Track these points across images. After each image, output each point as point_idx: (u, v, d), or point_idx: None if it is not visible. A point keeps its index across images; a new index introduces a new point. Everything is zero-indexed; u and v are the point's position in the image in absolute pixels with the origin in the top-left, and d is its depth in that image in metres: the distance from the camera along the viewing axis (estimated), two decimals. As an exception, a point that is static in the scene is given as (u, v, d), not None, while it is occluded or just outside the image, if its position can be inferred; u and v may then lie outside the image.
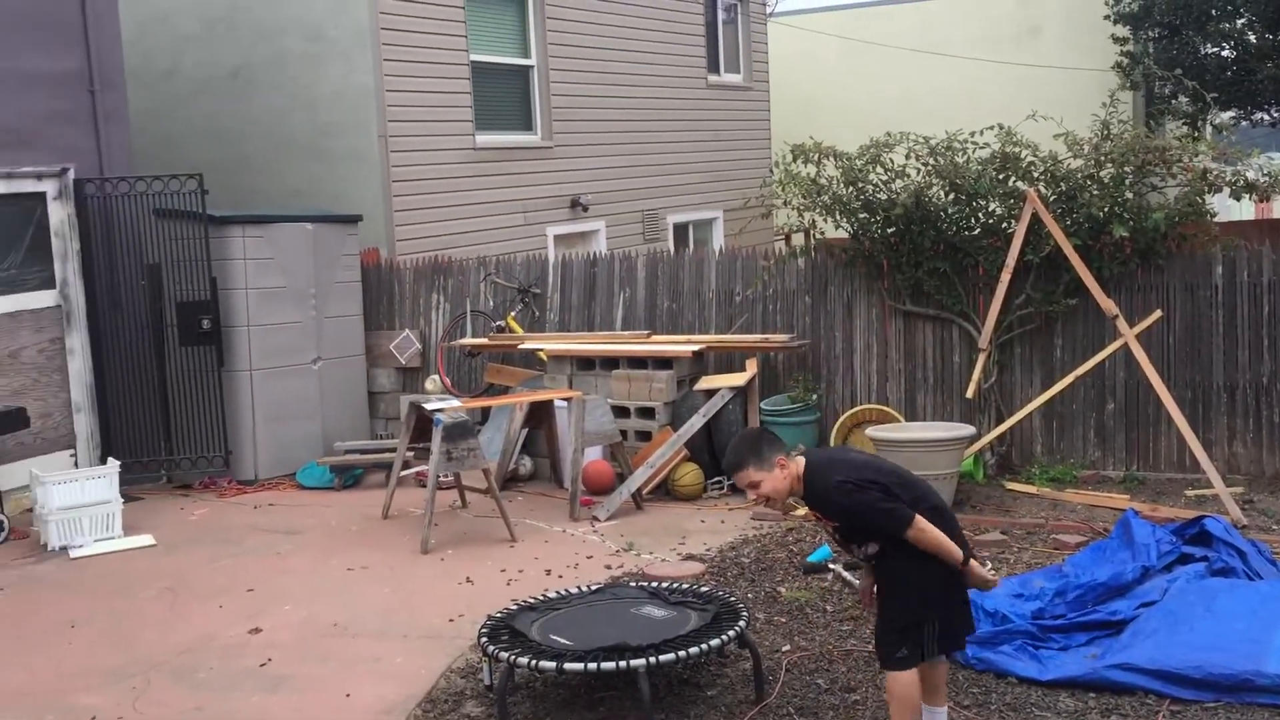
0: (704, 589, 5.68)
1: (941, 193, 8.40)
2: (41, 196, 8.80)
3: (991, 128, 8.38)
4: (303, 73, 10.94)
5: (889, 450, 7.71)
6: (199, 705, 5.20)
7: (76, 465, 8.85)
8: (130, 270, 9.14)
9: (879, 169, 8.49)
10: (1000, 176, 8.25)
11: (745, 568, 6.75)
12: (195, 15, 11.34)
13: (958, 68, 18.53)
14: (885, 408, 8.62)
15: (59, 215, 8.89)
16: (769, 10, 17.16)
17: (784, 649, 5.54)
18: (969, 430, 7.91)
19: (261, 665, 5.62)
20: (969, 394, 8.29)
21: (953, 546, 4.13)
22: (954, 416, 8.55)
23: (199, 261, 9.04)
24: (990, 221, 8.47)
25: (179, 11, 11.39)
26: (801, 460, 4.22)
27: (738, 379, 8.56)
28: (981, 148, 8.35)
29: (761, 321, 9.19)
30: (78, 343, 8.99)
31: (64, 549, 7.53)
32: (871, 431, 7.94)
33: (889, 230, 8.53)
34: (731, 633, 4.99)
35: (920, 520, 4.08)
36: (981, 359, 8.27)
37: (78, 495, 7.64)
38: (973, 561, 4.24)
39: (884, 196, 8.45)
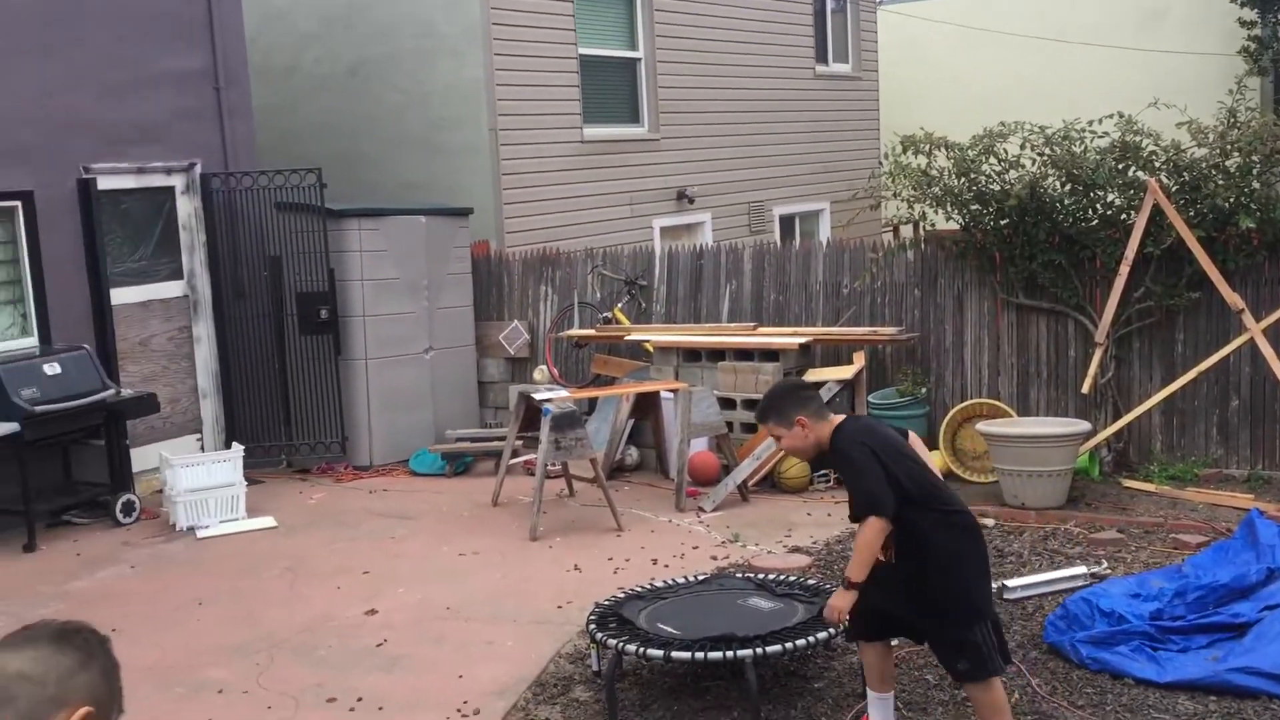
0: (811, 582, 5.68)
1: (1058, 183, 8.21)
2: (170, 191, 9.17)
3: (1111, 116, 8.16)
4: (416, 69, 11.17)
5: (1001, 446, 7.60)
6: (319, 682, 5.38)
7: (203, 449, 9.21)
8: (253, 261, 9.46)
9: (992, 159, 8.33)
10: (1120, 166, 8.04)
11: (852, 561, 6.71)
12: (314, 13, 11.66)
13: (1075, 54, 18.05)
14: (997, 402, 8.48)
15: (186, 209, 9.25)
16: (878, -1, 16.95)
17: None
18: (1084, 426, 7.74)
19: (378, 645, 5.80)
20: (1085, 389, 8.11)
21: (863, 565, 3.99)
22: (1068, 412, 8.37)
23: (318, 253, 9.32)
24: (1109, 213, 8.26)
25: (298, 9, 11.73)
26: (832, 422, 4.15)
27: (845, 372, 8.50)
28: (1100, 137, 8.14)
29: (869, 314, 9.11)
30: (204, 331, 9.35)
31: (191, 529, 7.85)
32: (982, 426, 7.83)
33: (1002, 222, 8.38)
34: (839, 626, 4.98)
35: (874, 524, 3.93)
36: (1098, 353, 8.08)
37: (204, 478, 7.95)
38: (847, 591, 4.06)
39: (997, 188, 8.30)
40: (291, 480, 9.32)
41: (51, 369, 7.77)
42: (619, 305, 9.97)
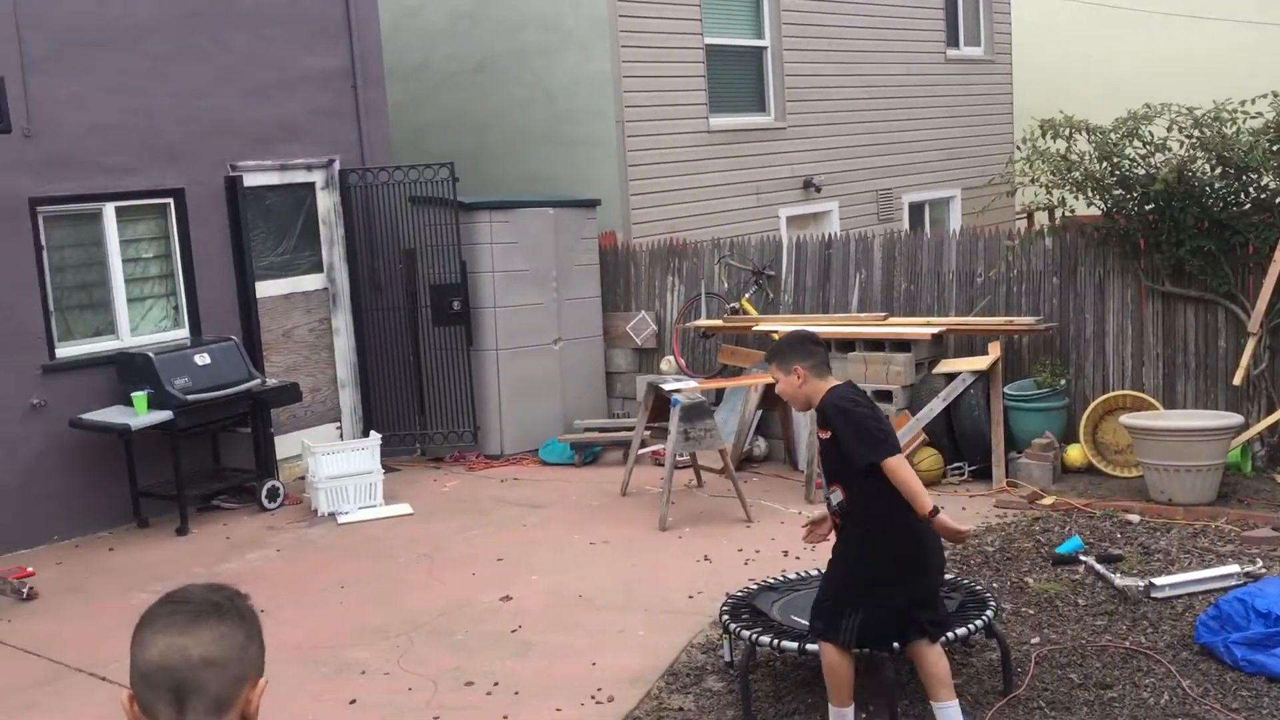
0: (948, 576, 5.57)
1: (1207, 166, 7.88)
2: (311, 186, 9.45)
3: (1264, 96, 7.79)
4: (543, 63, 11.29)
5: (1146, 439, 7.34)
6: (457, 665, 5.50)
7: (341, 437, 9.49)
8: (388, 255, 9.70)
9: (1136, 142, 8.04)
10: (1275, 148, 7.66)
11: (989, 556, 6.57)
12: (443, 11, 11.88)
13: (1223, 32, 17.26)
14: (1140, 394, 8.18)
15: (326, 204, 9.53)
16: (1012, -21, 16.47)
17: (1033, 641, 5.37)
18: (1236, 419, 7.42)
19: (513, 631, 5.89)
20: (1236, 381, 7.76)
21: (924, 492, 4.13)
22: (1218, 405, 8.03)
23: (450, 246, 9.50)
24: (1262, 197, 7.89)
25: (429, 7, 11.96)
26: (828, 383, 4.32)
27: (980, 362, 8.31)
28: (1253, 117, 7.78)
29: (1005, 303, 8.88)
30: (342, 323, 9.63)
31: (332, 514, 8.09)
32: (1126, 419, 7.57)
33: (1147, 207, 8.07)
34: (979, 622, 4.88)
35: (900, 460, 4.11)
36: (1251, 344, 7.72)
37: (344, 465, 8.19)
38: (941, 514, 4.18)
39: (1142, 171, 8.00)
40: (425, 468, 9.53)
41: (202, 359, 8.09)
42: (746, 295, 9.93)
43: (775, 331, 9.25)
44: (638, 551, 7.08)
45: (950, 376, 8.30)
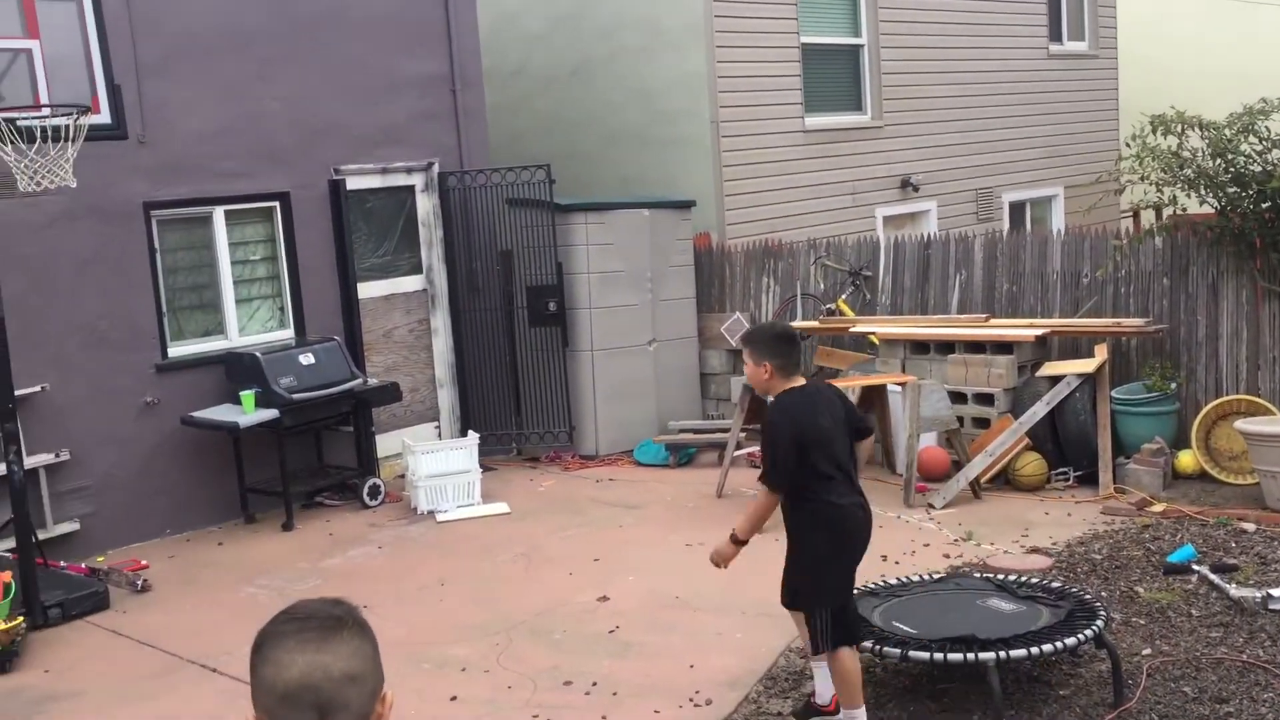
0: (1055, 584, 5.44)
1: (1328, 162, 7.58)
2: (411, 189, 9.61)
3: (1392, 87, 7.47)
4: (638, 65, 11.32)
5: (1263, 445, 7.09)
6: (555, 665, 5.53)
7: (439, 436, 9.63)
8: (485, 256, 9.81)
9: (1252, 138, 7.76)
10: (1402, 142, 7.35)
11: (1096, 564, 6.41)
12: (542, 15, 11.98)
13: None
14: (1256, 398, 7.90)
15: (425, 206, 9.67)
16: (1118, -29, 16.04)
17: (1144, 652, 5.22)
18: (1359, 426, 7.12)
19: (610, 631, 5.91)
20: (1358, 385, 7.46)
21: (752, 527, 4.50)
22: (1339, 410, 7.72)
23: (546, 247, 9.58)
24: (1388, 193, 7.56)
25: (529, 11, 12.08)
26: (789, 384, 4.46)
27: (1086, 365, 8.10)
28: (1378, 110, 7.46)
29: (1112, 305, 8.65)
30: (440, 323, 9.77)
31: (430, 513, 8.21)
32: (1241, 424, 7.31)
33: (1264, 205, 7.79)
34: (1088, 632, 4.75)
35: (769, 495, 4.42)
36: (1375, 347, 7.41)
37: (442, 464, 8.30)
38: (730, 545, 4.59)
39: (1258, 168, 7.73)
40: (521, 467, 9.62)
41: (306, 359, 8.27)
42: (843, 296, 9.82)
43: (873, 333, 9.16)
44: (734, 554, 7.04)
45: (1055, 380, 8.10)
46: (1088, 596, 5.24)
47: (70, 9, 6.54)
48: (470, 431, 8.92)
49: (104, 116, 6.58)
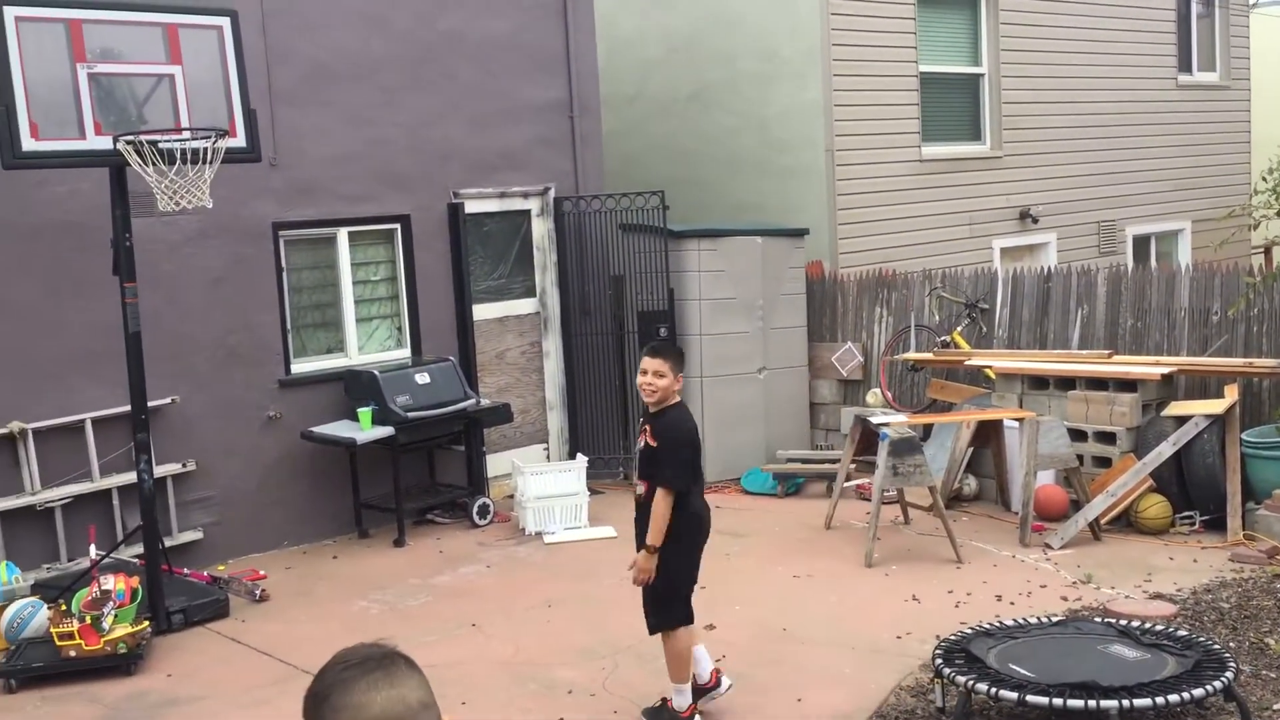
0: (1181, 632, 5.24)
1: None
2: (526, 213, 9.75)
3: None
4: (754, 93, 11.33)
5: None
6: (661, 690, 5.50)
7: (548, 458, 9.71)
8: (598, 280, 9.89)
9: (1398, 173, 7.43)
10: None
11: (1224, 613, 6.15)
12: (660, 42, 12.08)
13: None
14: (1399, 446, 7.52)
15: (540, 230, 9.81)
16: (1253, 1, 15.54)
17: (1275, 707, 4.99)
18: None
19: (716, 661, 5.86)
20: None
21: (660, 531, 4.94)
22: None
23: (658, 273, 9.62)
24: None
25: (646, 38, 12.19)
26: (678, 397, 5.06)
27: (1214, 406, 7.81)
28: None
29: (1243, 344, 8.33)
30: (552, 346, 9.87)
31: (538, 534, 8.28)
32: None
33: None
34: (1217, 684, 4.57)
35: (668, 497, 4.90)
36: None
37: (551, 486, 8.37)
38: (650, 555, 5.01)
39: (1405, 204, 7.39)
40: (628, 492, 9.57)
41: (422, 378, 8.43)
42: (958, 329, 9.65)
43: (989, 366, 8.97)
44: (843, 587, 6.96)
45: (1181, 420, 7.83)
46: (1216, 646, 5.04)
47: (211, 36, 6.80)
48: (579, 454, 8.97)
49: (239, 140, 6.81)
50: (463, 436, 8.72)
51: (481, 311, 9.42)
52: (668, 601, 5.09)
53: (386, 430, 8.09)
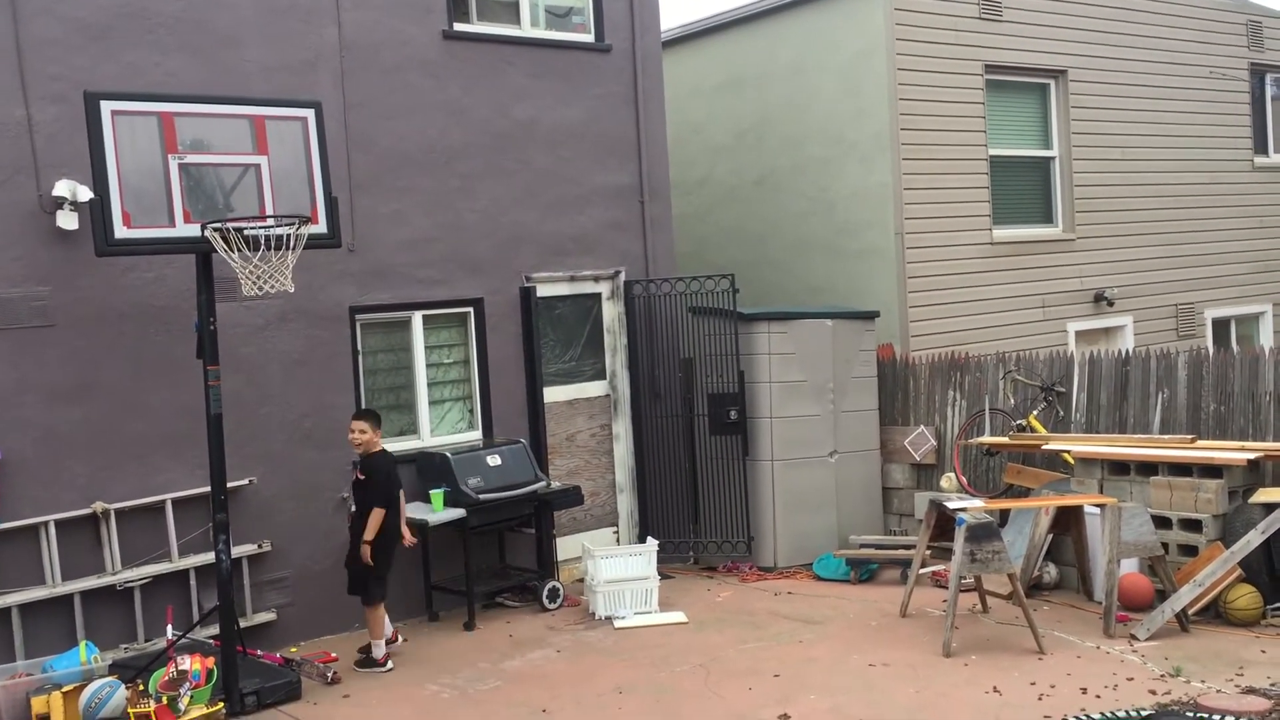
0: (1281, 730, 5.02)
1: None
2: (597, 297, 9.84)
3: None
4: (822, 176, 11.40)
5: None
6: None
7: (618, 542, 9.66)
8: (668, 363, 9.92)
9: None
10: None
11: (1324, 711, 5.88)
12: (728, 128, 12.24)
13: None
14: None
15: (611, 313, 9.88)
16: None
17: None
18: None
19: (792, 752, 5.73)
20: None
21: (374, 530, 7.26)
22: None
23: (729, 355, 9.62)
24: None
25: (714, 124, 12.36)
26: (381, 444, 7.50)
27: (1305, 493, 7.56)
28: None
29: (1333, 428, 8.09)
30: (622, 429, 9.88)
31: (608, 618, 8.20)
32: None
33: None
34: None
35: (381, 512, 7.28)
36: None
37: (621, 569, 8.31)
38: (368, 547, 7.29)
39: None
40: (698, 576, 9.53)
41: (493, 460, 8.47)
42: (1034, 413, 9.49)
43: (1067, 451, 8.80)
44: (920, 677, 6.78)
45: (1270, 507, 7.57)
46: (1319, 747, 4.80)
47: (296, 128, 7.02)
48: (650, 538, 8.91)
49: (320, 226, 6.98)
50: (533, 519, 8.71)
51: (552, 394, 9.47)
52: (376, 581, 7.34)
53: (458, 512, 8.12)
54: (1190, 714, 5.52)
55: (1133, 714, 5.31)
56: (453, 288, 8.94)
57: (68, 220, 7.20)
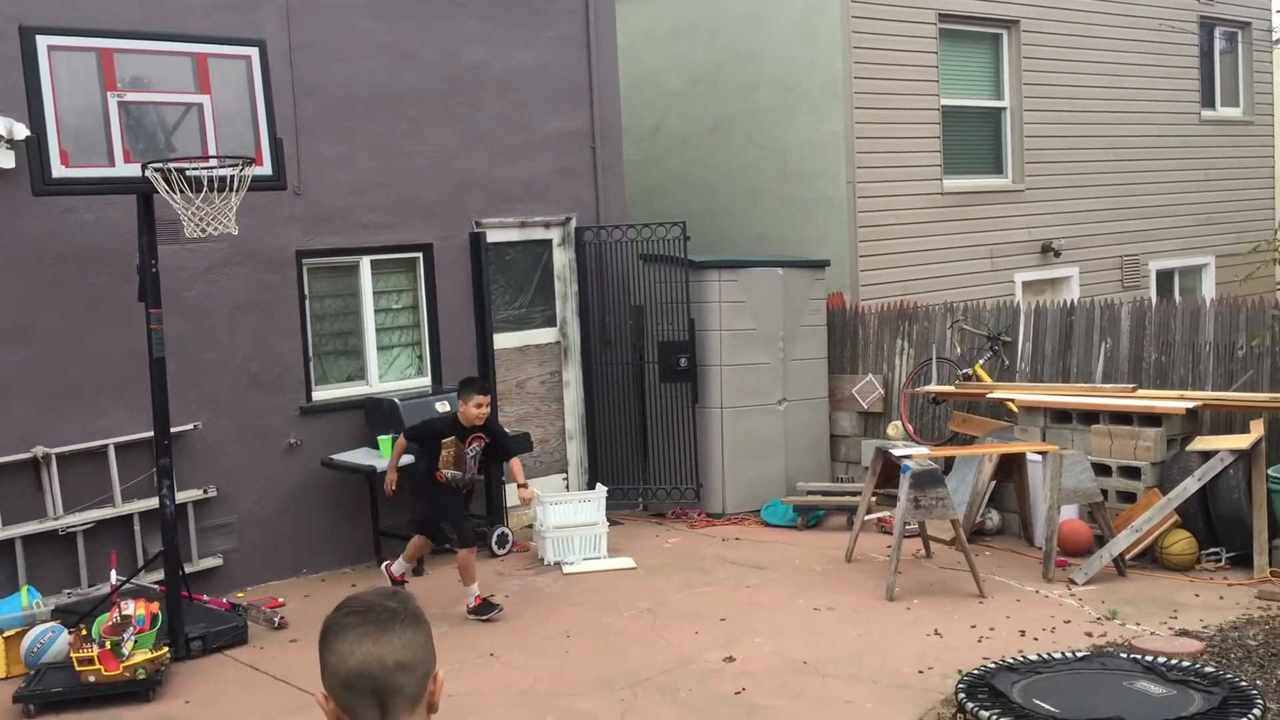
0: (1207, 669, 5.16)
1: None
2: (548, 243, 9.79)
3: None
4: (775, 125, 11.37)
5: None
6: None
7: (568, 488, 9.69)
8: (618, 310, 9.90)
9: None
10: None
11: (1251, 650, 6.07)
12: (681, 74, 12.15)
13: None
14: None
15: (561, 260, 9.84)
16: (1276, 37, 15.53)
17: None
18: None
19: (736, 693, 5.82)
20: None
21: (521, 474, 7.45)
22: None
23: (679, 303, 9.62)
24: None
25: (668, 71, 12.26)
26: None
27: (1240, 441, 7.73)
28: None
29: (1269, 379, 8.26)
30: (572, 376, 9.88)
31: (557, 564, 8.25)
32: None
33: None
34: (1246, 721, 4.48)
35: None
36: None
37: (570, 516, 8.35)
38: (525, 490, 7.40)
39: None
40: (647, 523, 9.60)
41: (442, 406, 8.42)
42: (980, 362, 9.61)
43: (1011, 400, 8.92)
44: (864, 620, 6.90)
45: (1206, 455, 7.75)
46: (1243, 683, 4.94)
47: (239, 66, 6.87)
48: (599, 484, 8.95)
49: (265, 168, 6.86)
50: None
51: (502, 340, 9.44)
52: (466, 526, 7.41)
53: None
54: (1125, 655, 5.65)
55: (1069, 655, 5.42)
56: (401, 233, 8.84)
57: (4, 158, 7.02)
